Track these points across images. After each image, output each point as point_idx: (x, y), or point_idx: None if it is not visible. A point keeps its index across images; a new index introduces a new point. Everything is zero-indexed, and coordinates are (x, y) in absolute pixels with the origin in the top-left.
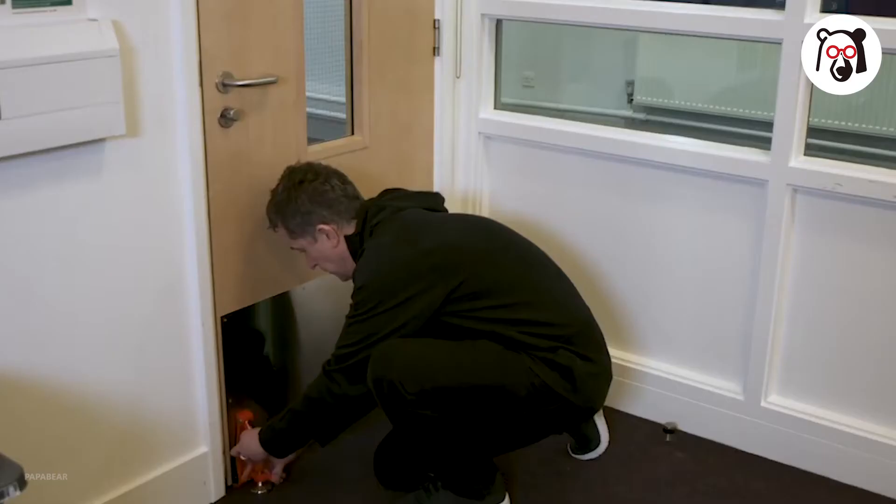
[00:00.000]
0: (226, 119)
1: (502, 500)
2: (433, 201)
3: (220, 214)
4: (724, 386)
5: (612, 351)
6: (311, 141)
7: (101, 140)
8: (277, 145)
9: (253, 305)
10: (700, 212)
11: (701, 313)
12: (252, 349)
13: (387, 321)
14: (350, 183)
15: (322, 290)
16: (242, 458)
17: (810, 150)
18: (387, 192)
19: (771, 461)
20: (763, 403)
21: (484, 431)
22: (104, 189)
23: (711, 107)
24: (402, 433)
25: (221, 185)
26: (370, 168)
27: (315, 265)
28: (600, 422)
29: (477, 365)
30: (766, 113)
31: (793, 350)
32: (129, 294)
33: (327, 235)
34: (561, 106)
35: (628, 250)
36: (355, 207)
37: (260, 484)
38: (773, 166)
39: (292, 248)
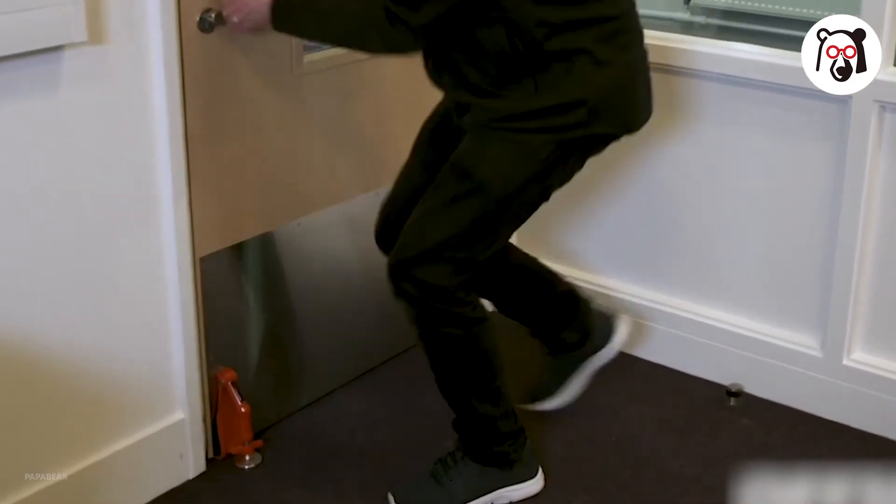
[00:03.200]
0: (206, 23)
1: (534, 474)
2: None
3: (199, 136)
4: (799, 340)
5: (665, 297)
6: (307, 49)
7: (59, 48)
8: (268, 54)
9: (238, 245)
10: (770, 133)
11: (771, 254)
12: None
13: None
14: None
15: (321, 227)
16: (235, 19)
17: None
18: None
19: (854, 429)
20: (845, 361)
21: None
22: (62, 106)
23: (784, 8)
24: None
25: (201, 101)
26: (378, 81)
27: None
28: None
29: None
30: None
31: (881, 298)
32: (91, 232)
33: None
34: None
35: (683, 179)
36: None
37: (248, 458)
38: None
39: None
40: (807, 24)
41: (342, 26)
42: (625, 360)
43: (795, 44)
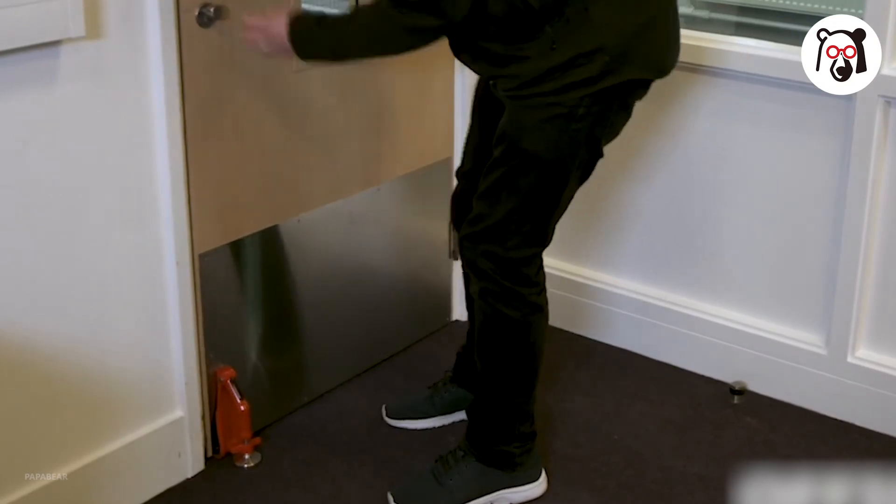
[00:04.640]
0: (205, 17)
1: (537, 476)
2: None
3: (198, 132)
4: (803, 337)
5: (667, 294)
6: None
7: (56, 43)
8: None
9: (238, 241)
10: (774, 129)
11: (775, 250)
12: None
13: None
14: None
15: (321, 223)
16: (253, 36)
17: None
18: None
19: (858, 427)
20: (850, 359)
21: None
22: (60, 102)
23: (789, 3)
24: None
25: (200, 96)
26: (378, 77)
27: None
28: None
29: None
30: (853, 10)
31: (885, 295)
32: (89, 229)
33: None
34: None
35: (686, 175)
36: None
37: (247, 456)
38: None
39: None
40: (812, 20)
41: (362, 30)
42: (627, 358)
43: (800, 39)
